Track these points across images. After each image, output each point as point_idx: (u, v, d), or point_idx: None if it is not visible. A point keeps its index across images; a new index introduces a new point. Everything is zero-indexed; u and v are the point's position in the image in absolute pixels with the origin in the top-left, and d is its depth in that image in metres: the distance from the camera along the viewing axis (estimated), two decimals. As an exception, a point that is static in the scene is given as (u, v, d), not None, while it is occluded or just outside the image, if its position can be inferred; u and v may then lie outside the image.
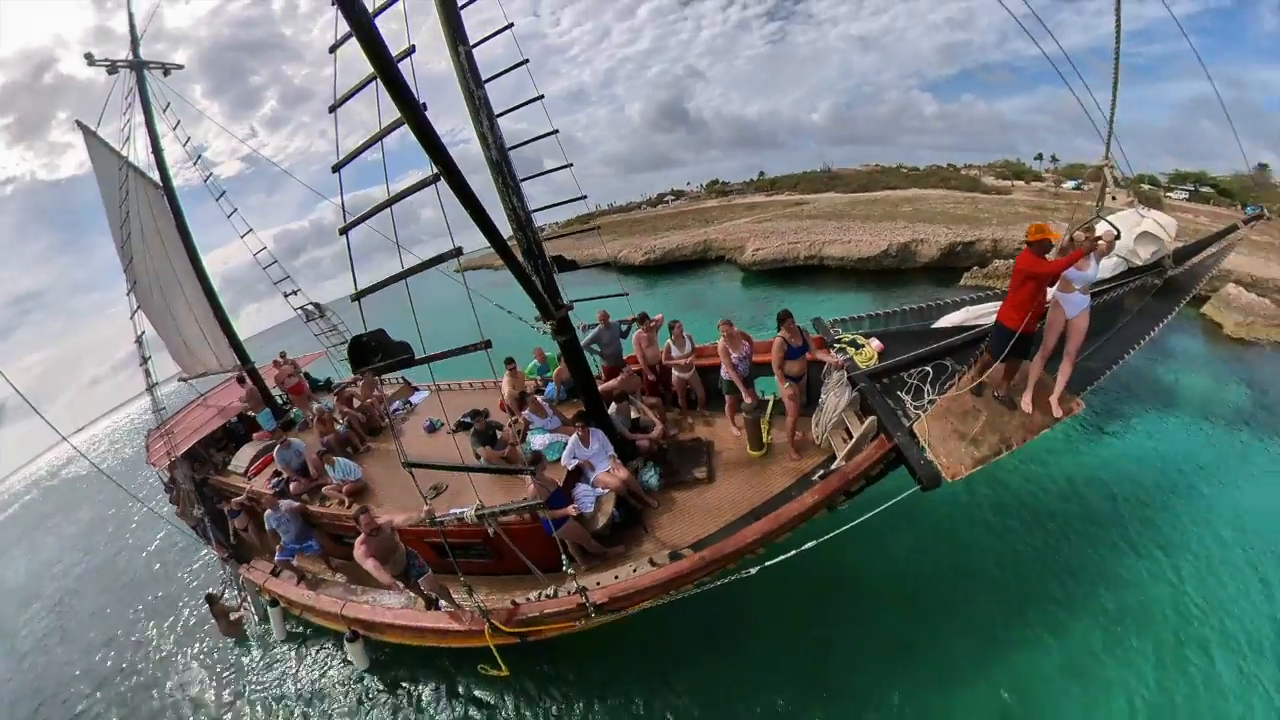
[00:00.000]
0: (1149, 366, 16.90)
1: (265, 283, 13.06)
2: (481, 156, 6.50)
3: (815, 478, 6.70)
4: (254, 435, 12.09)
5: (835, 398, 7.09)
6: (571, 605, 6.20)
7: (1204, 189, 53.14)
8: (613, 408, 8.15)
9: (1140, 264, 6.98)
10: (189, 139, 11.77)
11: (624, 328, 9.50)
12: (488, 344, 4.94)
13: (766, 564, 5.63)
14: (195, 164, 11.97)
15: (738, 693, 7.55)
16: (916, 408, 6.12)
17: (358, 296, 4.86)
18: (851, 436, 6.54)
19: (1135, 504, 10.43)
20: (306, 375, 13.80)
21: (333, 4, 3.59)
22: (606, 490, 7.35)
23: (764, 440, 8.03)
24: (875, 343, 7.43)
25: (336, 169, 4.97)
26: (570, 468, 7.41)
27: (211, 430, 12.31)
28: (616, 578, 6.46)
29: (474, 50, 6.29)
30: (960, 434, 5.65)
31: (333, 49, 4.80)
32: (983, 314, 7.18)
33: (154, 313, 12.26)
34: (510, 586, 7.38)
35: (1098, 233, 5.38)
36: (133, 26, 10.98)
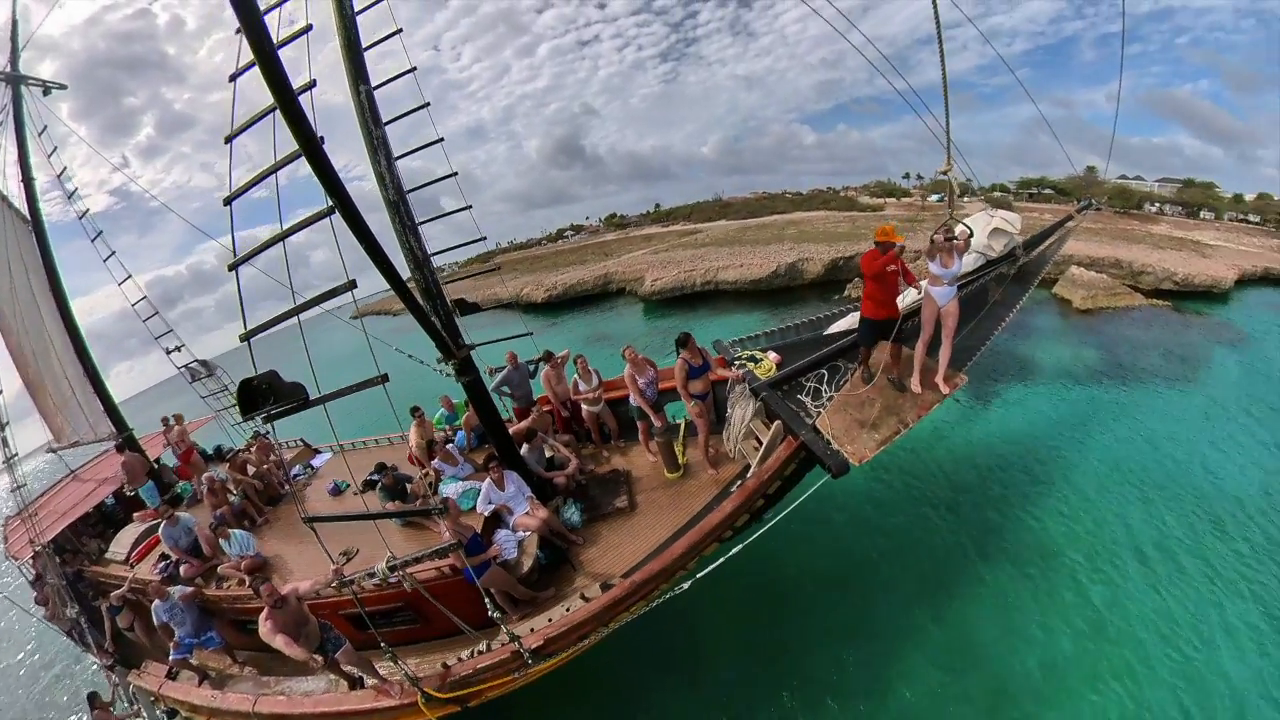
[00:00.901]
0: (1015, 344, 19.97)
1: (138, 337, 11.93)
2: (377, 195, 6.45)
3: (734, 488, 6.89)
4: (135, 515, 10.68)
5: (741, 410, 7.37)
6: (506, 656, 5.89)
7: (1045, 191, 63.04)
8: (524, 448, 8.04)
9: (996, 256, 8.23)
10: (64, 169, 10.63)
11: (531, 368, 9.47)
12: (384, 378, 4.77)
13: (698, 576, 5.71)
14: (71, 198, 10.77)
15: (707, 709, 7.66)
16: (817, 407, 6.48)
17: (247, 336, 4.59)
18: (762, 443, 6.81)
19: (1023, 460, 12.51)
20: (193, 445, 12.53)
21: (237, 33, 3.53)
22: (528, 533, 7.18)
23: (680, 461, 8.23)
24: (773, 355, 7.82)
25: (229, 201, 4.71)
26: (487, 514, 7.18)
27: (84, 512, 10.79)
28: (549, 620, 6.28)
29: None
30: (860, 422, 6.10)
31: (233, 78, 4.66)
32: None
33: (24, 366, 10.86)
34: (441, 651, 6.95)
35: (955, 233, 6.08)
36: (15, 35, 9.84)
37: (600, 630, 6.07)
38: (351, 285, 4.46)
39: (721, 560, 5.83)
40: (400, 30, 7.65)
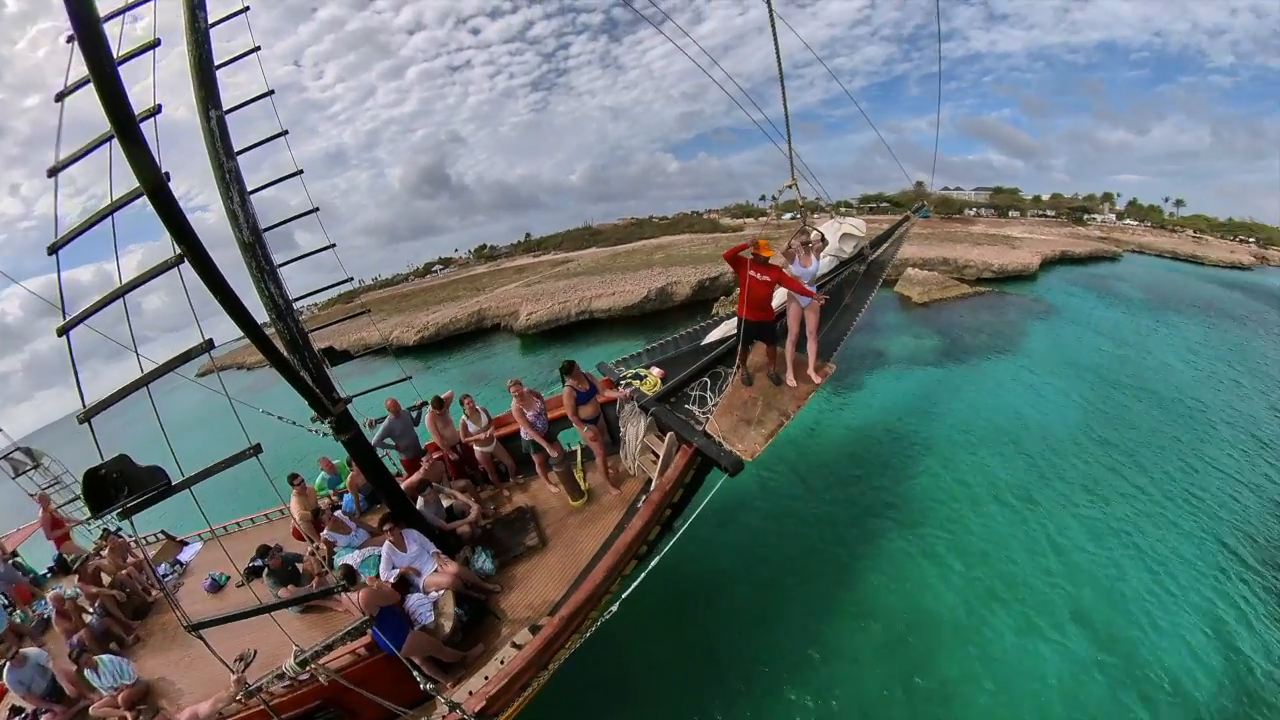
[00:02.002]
0: (869, 338, 22.97)
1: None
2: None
3: (640, 504, 7.01)
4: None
5: (633, 427, 7.61)
6: (451, 728, 5.49)
7: (883, 204, 75.47)
8: (420, 501, 7.63)
9: (848, 256, 9.48)
10: None
11: (415, 415, 8.98)
12: (257, 449, 4.32)
13: (624, 596, 5.72)
14: None
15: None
16: (704, 413, 6.84)
17: (88, 416, 3.90)
18: (659, 456, 7.06)
19: (888, 435, 14.83)
20: (16, 563, 10.25)
21: (69, 41, 3.02)
22: (441, 592, 6.72)
23: (583, 487, 8.25)
24: (656, 370, 8.12)
25: (55, 249, 4.04)
26: (393, 580, 6.67)
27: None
28: (486, 678, 5.93)
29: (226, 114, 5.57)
30: (746, 420, 6.53)
31: (60, 96, 4.06)
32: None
33: None
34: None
35: (810, 237, 6.86)
36: None
37: (541, 674, 5.89)
38: (208, 346, 4.03)
39: (643, 576, 5.92)
40: (258, 48, 7.02)
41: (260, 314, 5.30)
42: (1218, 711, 7.55)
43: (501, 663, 5.91)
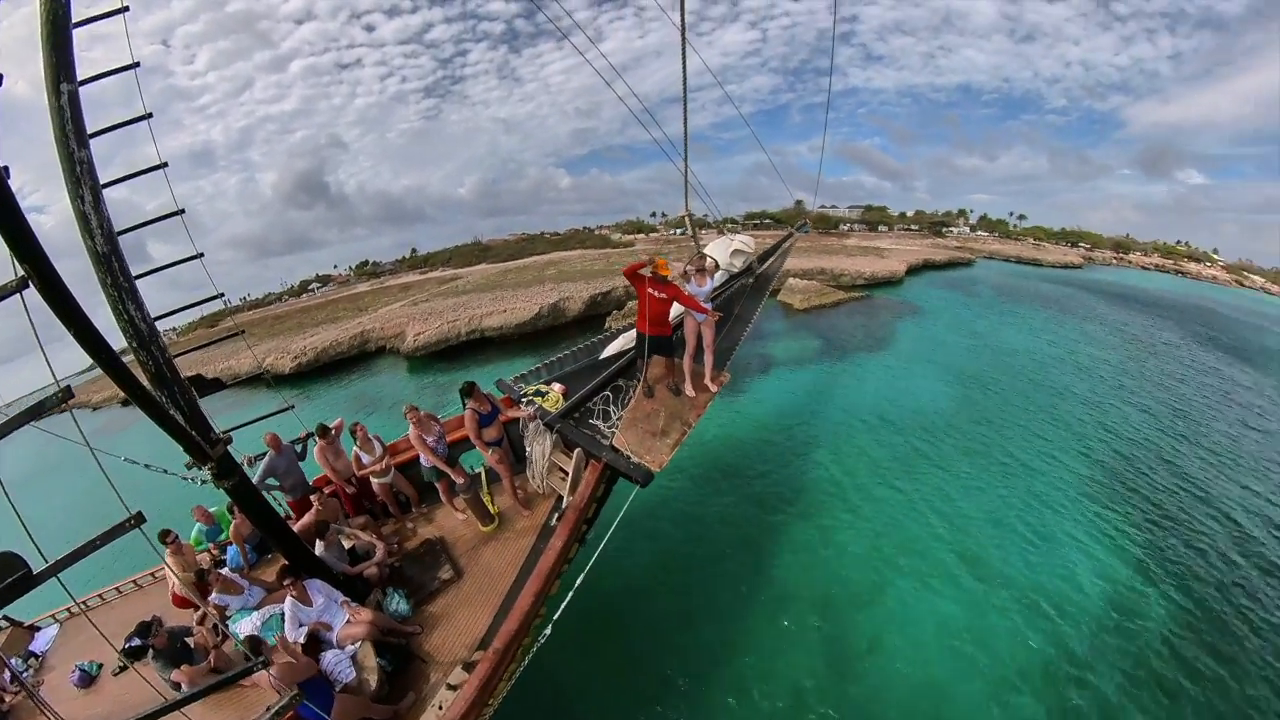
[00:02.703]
0: (758, 345, 24.88)
1: None
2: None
3: (554, 523, 7.01)
4: None
5: (539, 446, 7.59)
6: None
7: (767, 221, 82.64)
8: (319, 546, 7.02)
9: (738, 270, 10.20)
10: None
11: (299, 448, 8.27)
12: (139, 519, 3.76)
13: (554, 619, 5.66)
14: None
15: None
16: (610, 428, 7.01)
17: None
18: (568, 473, 7.10)
19: (781, 432, 16.39)
20: None
21: None
22: (358, 643, 6.17)
23: (492, 511, 7.99)
24: (557, 386, 8.18)
25: None
26: (302, 639, 6.00)
27: None
28: None
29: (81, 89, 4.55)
30: (652, 432, 6.78)
31: None
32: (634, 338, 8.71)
33: None
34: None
35: (705, 262, 7.31)
36: None
37: (485, 714, 5.65)
38: (66, 396, 3.51)
39: (570, 595, 5.87)
40: (126, 8, 5.84)
41: (114, 339, 4.43)
42: (1092, 616, 9.57)
43: (441, 708, 5.57)
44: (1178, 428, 18.00)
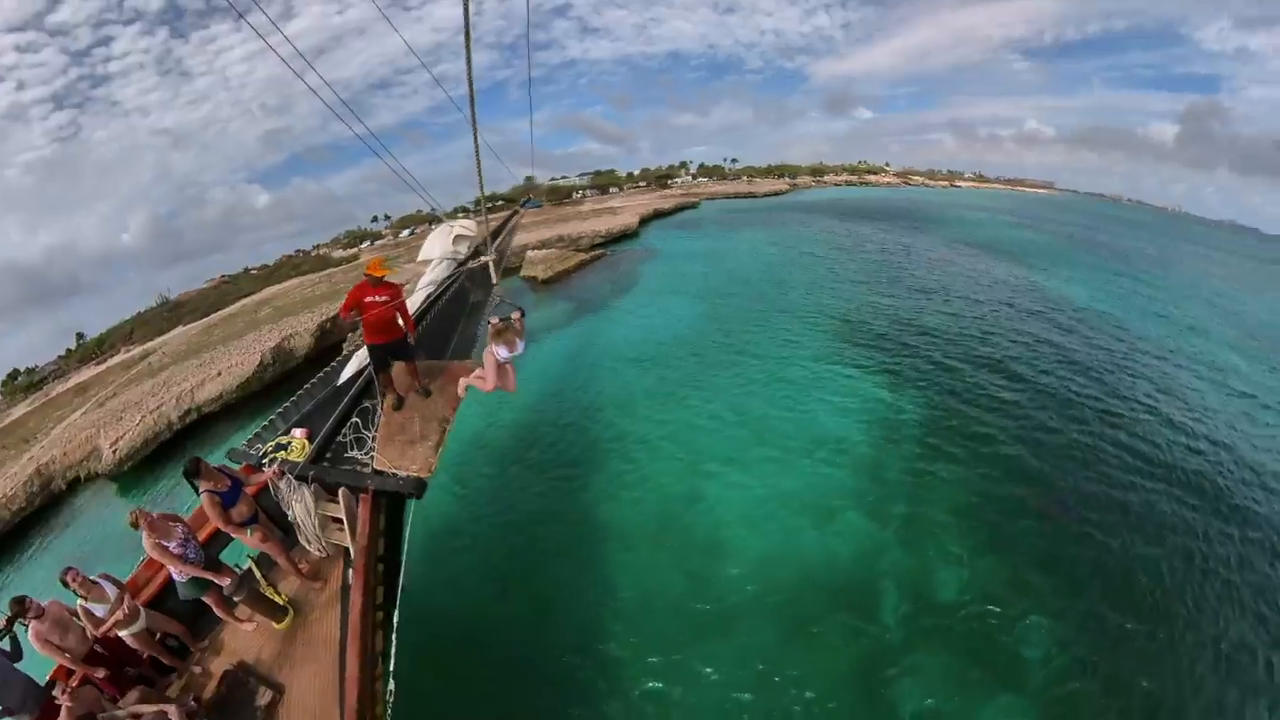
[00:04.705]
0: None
1: None
2: None
3: (351, 581, 6.38)
4: None
5: (299, 504, 6.80)
6: None
7: (498, 203, 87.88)
8: None
9: (464, 257, 10.09)
10: None
11: (4, 646, 6.31)
12: None
13: (392, 670, 5.64)
14: None
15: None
16: (368, 454, 6.60)
17: None
18: (342, 521, 6.55)
19: (563, 398, 17.04)
20: None
21: None
22: None
23: (281, 601, 7.00)
24: (298, 432, 7.43)
25: None
26: None
27: None
28: None
29: None
30: (411, 441, 6.53)
31: None
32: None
33: None
34: None
35: (512, 317, 6.57)
36: None
37: None
38: None
39: (395, 640, 5.83)
40: None
41: None
42: (868, 440, 12.50)
43: None
44: (882, 286, 23.89)
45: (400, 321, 6.69)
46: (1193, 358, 21.26)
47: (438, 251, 10.55)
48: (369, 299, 6.36)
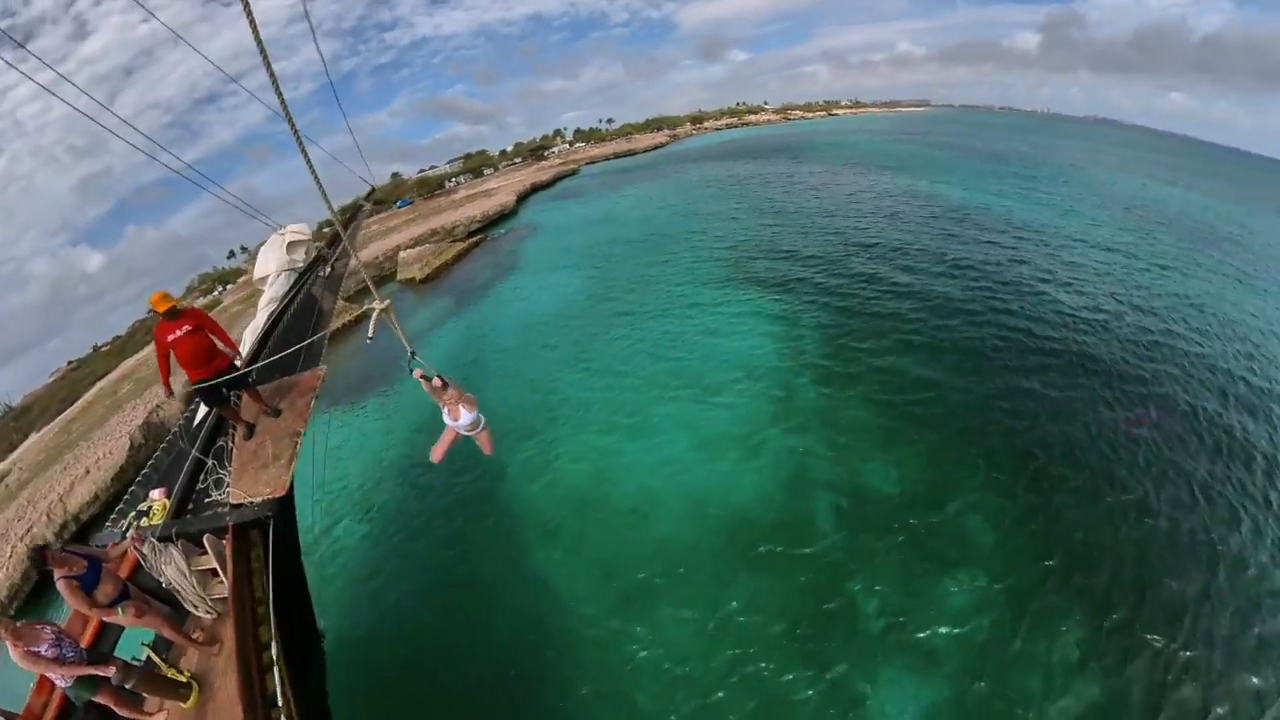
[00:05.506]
0: (387, 335, 25.31)
1: None
2: None
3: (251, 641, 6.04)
4: None
5: (172, 567, 6.28)
6: None
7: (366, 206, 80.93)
8: None
9: (306, 263, 9.47)
10: None
11: None
12: None
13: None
14: None
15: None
16: (226, 492, 6.19)
17: None
18: (219, 572, 6.15)
19: (470, 386, 16.56)
20: None
21: None
22: None
23: (183, 679, 6.49)
24: (155, 493, 6.89)
25: None
26: None
27: None
28: None
29: None
30: (264, 464, 6.20)
31: None
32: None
33: None
34: None
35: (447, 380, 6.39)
36: None
37: None
38: None
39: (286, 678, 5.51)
40: None
41: None
42: (770, 371, 12.90)
43: None
44: (765, 218, 24.38)
45: (220, 345, 6.20)
46: (1072, 237, 23.46)
47: (274, 265, 9.57)
48: (172, 336, 5.86)
